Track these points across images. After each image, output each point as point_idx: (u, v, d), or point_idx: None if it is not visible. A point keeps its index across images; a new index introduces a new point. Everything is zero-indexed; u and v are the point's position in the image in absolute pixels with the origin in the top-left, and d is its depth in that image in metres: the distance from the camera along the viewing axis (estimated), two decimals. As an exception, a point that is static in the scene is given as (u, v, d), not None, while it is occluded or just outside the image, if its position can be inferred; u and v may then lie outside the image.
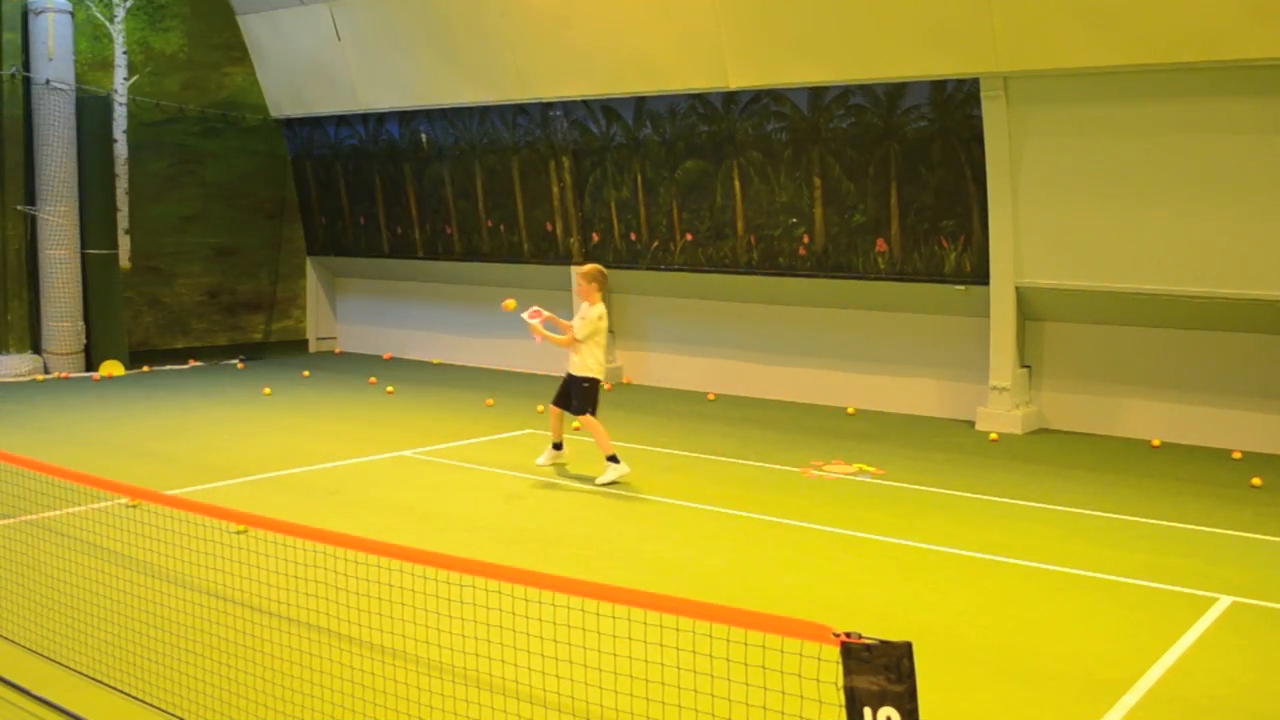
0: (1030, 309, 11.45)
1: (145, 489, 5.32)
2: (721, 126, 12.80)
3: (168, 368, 15.74)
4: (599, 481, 8.92)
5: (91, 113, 14.92)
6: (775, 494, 8.72)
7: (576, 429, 11.40)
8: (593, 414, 9.17)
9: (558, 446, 9.47)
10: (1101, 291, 10.75)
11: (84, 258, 14.93)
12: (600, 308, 9.18)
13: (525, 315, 9.19)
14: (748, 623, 3.13)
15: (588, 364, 9.20)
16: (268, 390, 13.52)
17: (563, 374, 9.38)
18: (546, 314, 9.31)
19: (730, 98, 12.58)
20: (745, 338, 13.69)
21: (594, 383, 9.20)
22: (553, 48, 13.30)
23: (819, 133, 12.14)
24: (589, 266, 9.40)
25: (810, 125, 12.17)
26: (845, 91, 11.80)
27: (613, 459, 8.99)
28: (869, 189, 11.97)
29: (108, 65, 15.35)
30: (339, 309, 18.16)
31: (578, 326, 9.10)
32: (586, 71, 13.23)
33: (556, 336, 9.14)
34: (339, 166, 16.82)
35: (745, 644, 4.00)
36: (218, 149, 16.56)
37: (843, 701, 2.84)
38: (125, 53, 15.49)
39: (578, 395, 9.14)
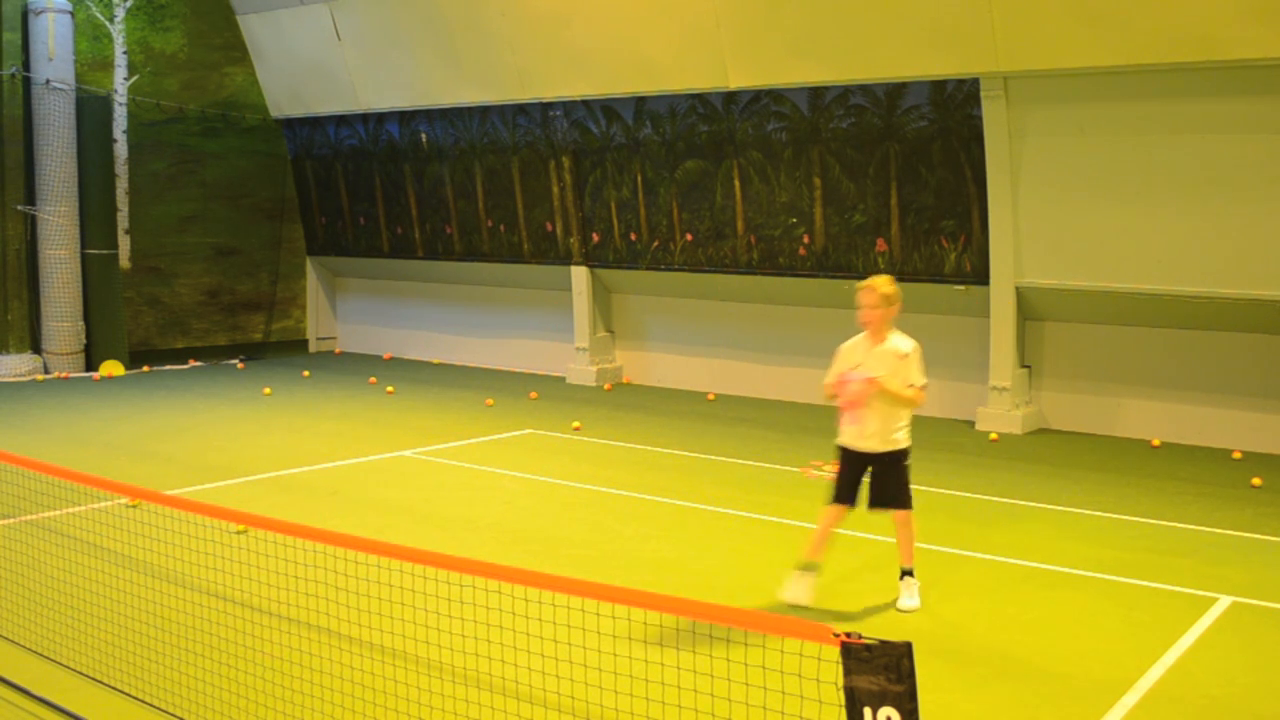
0: (1030, 309, 11.45)
1: (145, 489, 5.32)
2: (721, 126, 12.80)
3: (168, 368, 15.73)
4: (902, 605, 6.08)
5: (91, 113, 14.92)
6: (775, 494, 8.72)
7: (577, 428, 11.40)
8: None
9: (809, 569, 6.13)
10: (1101, 291, 10.75)
11: (84, 258, 14.93)
12: (906, 336, 6.23)
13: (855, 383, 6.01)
14: (748, 623, 3.13)
15: (896, 428, 6.06)
16: (268, 390, 13.52)
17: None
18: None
19: (730, 98, 12.58)
20: (745, 338, 13.68)
21: (909, 453, 6.16)
22: (553, 48, 13.30)
23: (819, 133, 12.14)
24: (887, 280, 6.21)
25: (810, 125, 12.17)
26: (845, 91, 11.80)
27: (909, 573, 6.17)
28: (869, 189, 11.97)
29: (108, 65, 15.35)
30: (339, 309, 18.16)
31: (917, 374, 6.12)
32: (586, 71, 13.23)
33: (906, 395, 6.02)
34: (339, 166, 16.82)
35: (745, 644, 4.00)
36: (218, 149, 16.56)
37: (843, 701, 2.84)
38: (125, 53, 15.48)
39: (898, 480, 6.08)
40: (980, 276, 11.40)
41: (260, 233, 17.21)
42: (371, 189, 16.52)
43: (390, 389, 13.76)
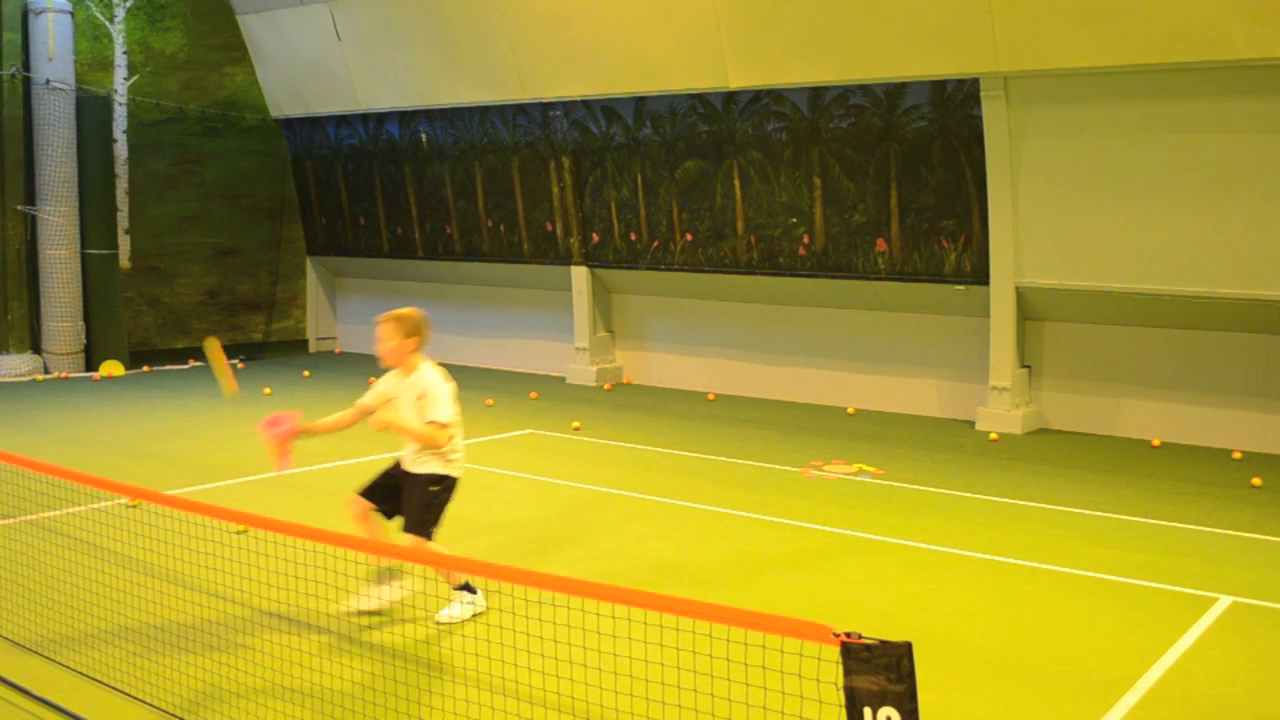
0: (1030, 309, 11.45)
1: (145, 489, 5.32)
2: (721, 126, 12.80)
3: (168, 368, 15.73)
4: (439, 616, 5.73)
5: (91, 113, 14.91)
6: (775, 494, 8.72)
7: (577, 428, 11.39)
8: (430, 536, 5.74)
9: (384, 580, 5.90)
10: (1101, 291, 10.75)
11: (84, 258, 14.93)
12: (438, 371, 5.98)
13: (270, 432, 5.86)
14: (748, 623, 3.13)
15: (428, 453, 5.87)
16: (268, 390, 13.52)
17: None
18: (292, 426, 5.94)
19: (730, 98, 12.58)
20: (745, 338, 13.68)
21: (445, 484, 5.89)
22: (553, 48, 13.30)
23: (819, 133, 12.14)
24: (410, 311, 5.97)
25: (810, 125, 12.17)
26: (845, 91, 11.80)
27: (466, 588, 5.78)
28: (869, 189, 11.97)
29: (108, 65, 15.34)
30: (339, 309, 18.16)
31: (436, 410, 5.79)
32: (586, 71, 13.23)
33: (416, 430, 5.80)
34: (339, 166, 16.82)
35: (745, 644, 3.99)
36: (218, 149, 16.56)
37: (843, 701, 2.84)
38: (125, 53, 15.48)
39: (414, 501, 5.81)
40: (980, 276, 11.40)
41: (260, 233, 17.21)
42: (371, 189, 16.52)
43: (390, 389, 13.74)
